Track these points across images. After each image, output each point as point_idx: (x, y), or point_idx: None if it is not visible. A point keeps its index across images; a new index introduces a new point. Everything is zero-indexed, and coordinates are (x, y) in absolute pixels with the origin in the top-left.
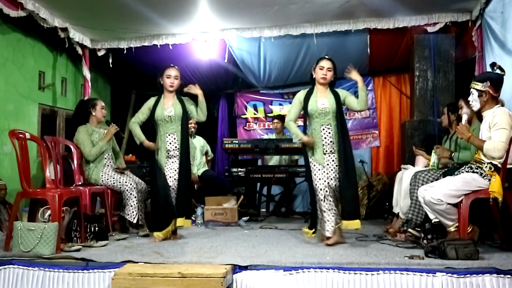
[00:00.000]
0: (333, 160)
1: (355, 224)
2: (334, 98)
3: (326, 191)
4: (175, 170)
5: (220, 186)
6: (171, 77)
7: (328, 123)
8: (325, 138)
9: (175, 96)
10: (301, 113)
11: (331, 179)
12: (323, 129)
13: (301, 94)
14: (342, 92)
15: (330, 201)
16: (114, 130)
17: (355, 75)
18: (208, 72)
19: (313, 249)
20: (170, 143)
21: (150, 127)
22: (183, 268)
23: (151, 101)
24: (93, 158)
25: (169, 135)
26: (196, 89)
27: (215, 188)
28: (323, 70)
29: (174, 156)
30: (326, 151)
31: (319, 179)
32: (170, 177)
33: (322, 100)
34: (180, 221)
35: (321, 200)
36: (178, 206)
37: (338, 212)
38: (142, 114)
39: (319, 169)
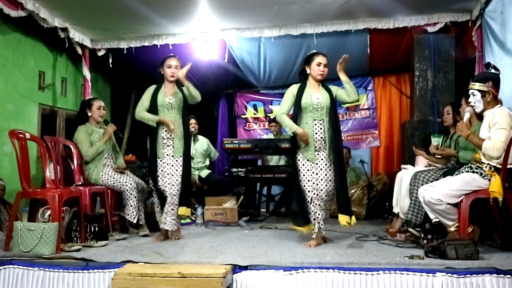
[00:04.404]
0: (322, 159)
1: (353, 219)
2: (328, 93)
3: (314, 194)
4: (171, 165)
5: (220, 186)
6: (172, 67)
7: (321, 118)
8: (316, 133)
9: (175, 86)
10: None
11: (320, 180)
12: (316, 124)
13: (294, 88)
14: (333, 88)
15: (315, 204)
16: (112, 130)
17: (341, 69)
18: (208, 72)
19: (313, 249)
20: (165, 131)
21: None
22: (183, 268)
23: (152, 88)
24: (90, 159)
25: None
26: (182, 74)
27: (220, 191)
28: (320, 66)
29: (168, 146)
30: (316, 147)
31: (308, 180)
32: (165, 172)
33: (316, 94)
34: (183, 210)
35: (308, 202)
36: (181, 196)
37: (322, 216)
38: (147, 100)
39: (308, 169)
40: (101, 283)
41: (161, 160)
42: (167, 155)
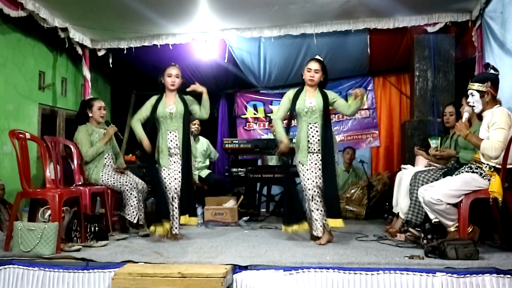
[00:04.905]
0: (316, 159)
1: (339, 222)
2: (322, 98)
3: (314, 191)
4: (178, 171)
5: (220, 186)
6: (172, 76)
7: (315, 122)
8: (312, 137)
9: (176, 95)
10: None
11: (319, 178)
12: (310, 128)
13: (290, 93)
14: (331, 95)
15: (317, 201)
16: (113, 131)
17: (357, 98)
18: (208, 72)
19: (313, 249)
20: (171, 141)
21: (150, 125)
22: (183, 268)
23: (153, 99)
24: (90, 159)
25: (170, 132)
26: (199, 88)
27: (220, 191)
28: (310, 72)
29: (175, 154)
30: (313, 150)
31: (307, 179)
32: (172, 177)
33: (310, 99)
34: (183, 219)
35: (309, 200)
36: (182, 204)
37: (324, 212)
38: (146, 111)
39: (307, 169)
40: (101, 283)
41: (168, 169)
42: (174, 162)
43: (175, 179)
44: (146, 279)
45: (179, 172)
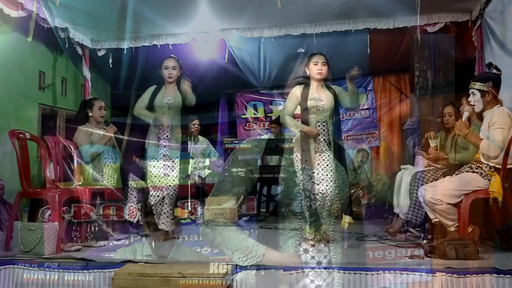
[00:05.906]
0: (323, 160)
1: (349, 219)
2: (332, 95)
3: (308, 194)
4: (169, 167)
5: (220, 186)
6: (169, 68)
7: (324, 120)
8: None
9: (175, 86)
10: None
11: (322, 180)
12: (319, 126)
13: (297, 89)
14: (337, 89)
15: (312, 204)
16: (112, 131)
17: (350, 79)
18: (208, 72)
19: (313, 249)
20: (162, 131)
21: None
22: (183, 268)
23: (153, 87)
24: (89, 160)
25: (163, 124)
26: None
27: (220, 191)
28: (318, 65)
29: (165, 146)
30: (318, 149)
31: (306, 181)
32: (165, 174)
33: (320, 96)
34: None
35: (306, 200)
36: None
37: (319, 217)
38: (147, 99)
39: (308, 169)
40: (101, 283)
41: (156, 161)
42: (164, 155)
43: (164, 174)
44: (146, 279)
45: (168, 167)
